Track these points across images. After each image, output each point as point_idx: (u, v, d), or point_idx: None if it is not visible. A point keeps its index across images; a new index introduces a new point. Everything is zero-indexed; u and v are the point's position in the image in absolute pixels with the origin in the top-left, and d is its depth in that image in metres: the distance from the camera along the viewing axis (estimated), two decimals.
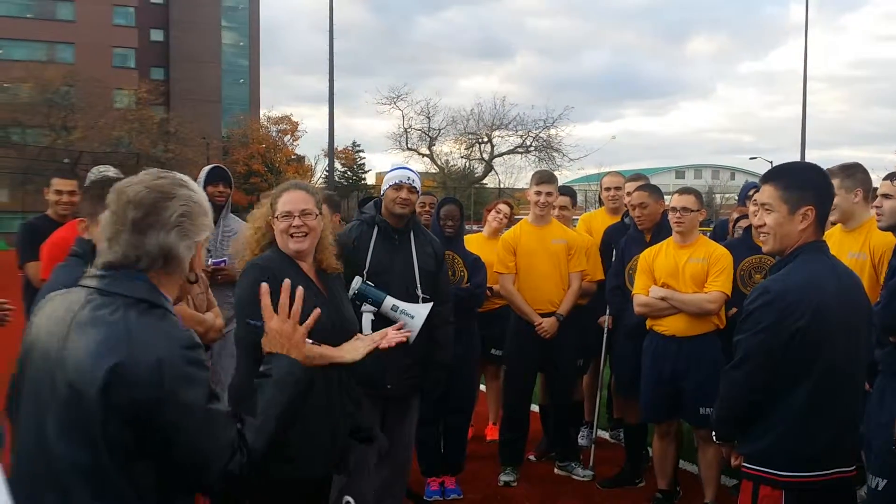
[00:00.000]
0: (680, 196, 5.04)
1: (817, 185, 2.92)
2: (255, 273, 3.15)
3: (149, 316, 1.96)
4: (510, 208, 6.74)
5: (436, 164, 45.81)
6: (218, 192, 5.42)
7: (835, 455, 2.84)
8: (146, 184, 2.09)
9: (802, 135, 35.49)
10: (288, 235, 3.25)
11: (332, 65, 31.28)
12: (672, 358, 4.90)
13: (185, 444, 1.90)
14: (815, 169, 3.05)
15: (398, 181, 4.38)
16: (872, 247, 4.11)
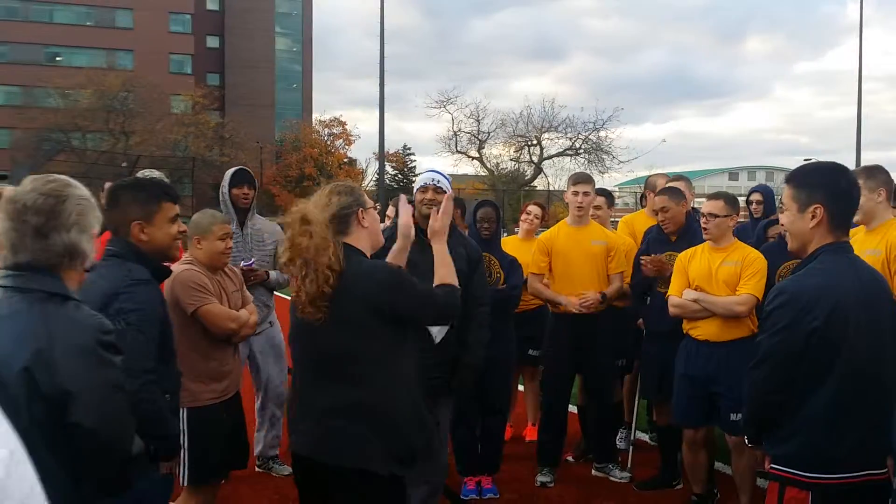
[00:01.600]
0: (708, 201, 5.03)
1: (826, 183, 2.93)
2: None
3: (64, 307, 2.22)
4: (542, 209, 6.78)
5: (485, 167, 45.92)
6: (243, 195, 5.55)
7: (863, 457, 2.81)
8: (39, 190, 2.29)
9: (858, 135, 34.84)
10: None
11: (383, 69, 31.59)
12: (704, 362, 4.87)
13: (93, 425, 2.17)
14: (829, 168, 3.04)
15: (424, 183, 4.46)
16: (889, 244, 4.10)
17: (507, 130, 44.35)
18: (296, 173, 53.22)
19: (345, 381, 3.00)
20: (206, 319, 4.04)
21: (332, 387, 3.01)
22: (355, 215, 3.10)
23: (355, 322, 2.97)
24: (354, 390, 2.98)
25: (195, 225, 4.24)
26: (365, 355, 2.99)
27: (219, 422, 4.08)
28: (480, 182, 47.74)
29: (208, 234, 4.19)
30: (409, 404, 3.05)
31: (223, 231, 4.24)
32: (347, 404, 2.97)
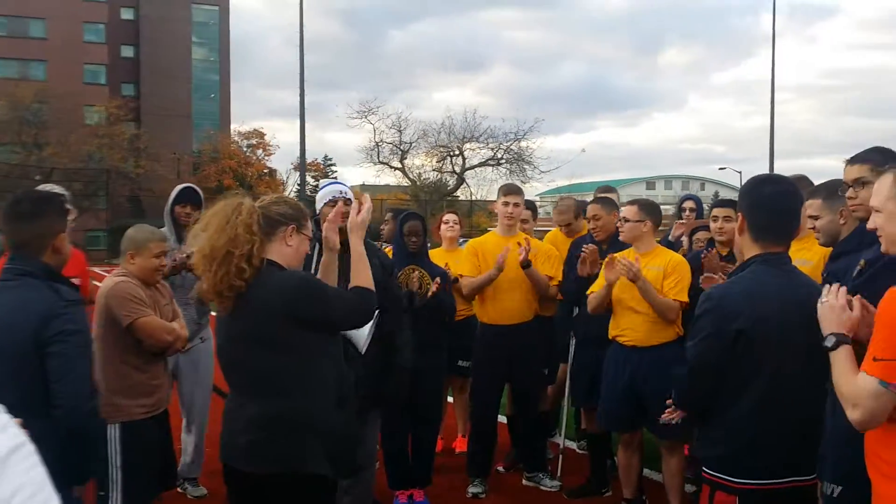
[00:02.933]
0: (624, 206, 5.17)
1: (746, 193, 3.04)
2: None
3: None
4: (456, 215, 6.85)
5: (408, 177, 45.87)
6: (185, 214, 5.48)
7: (789, 464, 2.89)
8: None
9: (771, 145, 36.05)
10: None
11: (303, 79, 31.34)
12: (633, 368, 4.96)
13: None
14: (757, 179, 3.14)
15: (332, 197, 4.41)
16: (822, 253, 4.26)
17: (430, 141, 44.41)
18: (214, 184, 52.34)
19: (266, 394, 3.03)
20: (142, 332, 3.97)
21: (256, 399, 3.04)
22: (286, 228, 3.09)
23: (271, 334, 2.98)
24: (276, 402, 3.00)
25: (130, 240, 4.16)
26: (284, 367, 3.01)
27: (151, 437, 4.02)
28: (403, 192, 47.69)
29: (143, 251, 4.12)
30: (330, 412, 3.07)
31: (159, 248, 4.19)
32: (271, 416, 3.00)
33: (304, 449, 3.00)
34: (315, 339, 3.05)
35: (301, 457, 3.00)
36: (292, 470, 2.99)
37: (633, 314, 4.99)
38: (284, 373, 3.02)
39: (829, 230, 3.92)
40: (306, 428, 3.01)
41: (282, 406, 3.00)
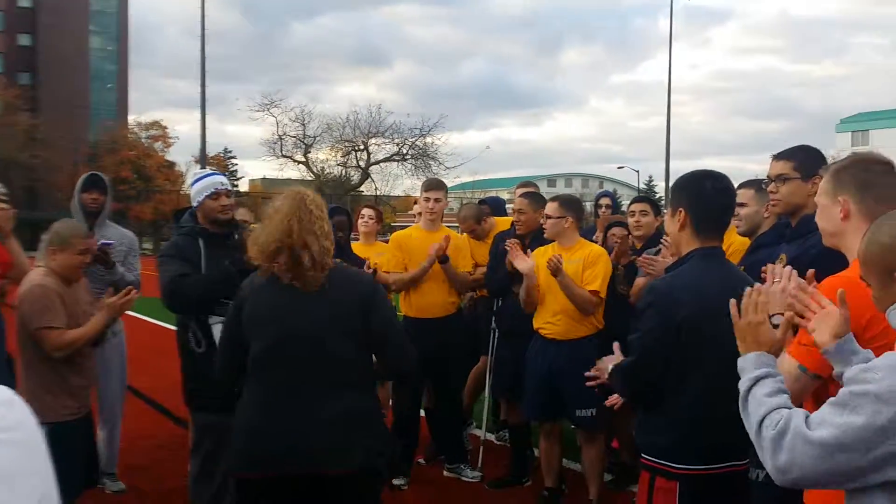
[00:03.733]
0: (547, 203, 5.31)
1: (688, 189, 3.10)
2: None
3: None
4: (375, 211, 6.85)
5: (311, 171, 45.35)
6: (91, 199, 5.45)
7: (726, 449, 2.98)
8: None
9: (667, 145, 37.24)
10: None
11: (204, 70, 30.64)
12: (552, 359, 5.06)
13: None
14: (693, 176, 3.19)
15: (214, 190, 4.30)
16: (730, 249, 4.45)
17: (334, 135, 43.96)
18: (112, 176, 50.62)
19: (346, 387, 3.07)
20: (41, 342, 3.88)
21: (334, 393, 3.04)
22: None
23: (354, 323, 3.07)
24: (355, 397, 3.07)
25: (55, 234, 4.04)
26: (361, 359, 3.12)
27: (76, 438, 3.95)
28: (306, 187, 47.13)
29: (67, 247, 4.01)
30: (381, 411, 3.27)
31: (83, 246, 4.08)
32: (353, 412, 3.06)
33: (377, 447, 3.08)
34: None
35: (375, 455, 3.07)
36: (369, 469, 3.05)
37: (554, 307, 5.09)
38: (361, 365, 3.11)
39: (753, 219, 4.14)
40: (377, 425, 3.15)
41: (360, 402, 3.09)
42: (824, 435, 1.74)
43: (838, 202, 2.44)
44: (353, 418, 3.05)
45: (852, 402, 1.72)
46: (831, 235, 2.52)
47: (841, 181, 2.46)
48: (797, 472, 1.79)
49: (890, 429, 1.66)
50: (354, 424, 3.04)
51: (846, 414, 1.72)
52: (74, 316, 4.00)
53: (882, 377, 1.70)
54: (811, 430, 1.77)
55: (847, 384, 1.78)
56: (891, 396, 1.67)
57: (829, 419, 1.75)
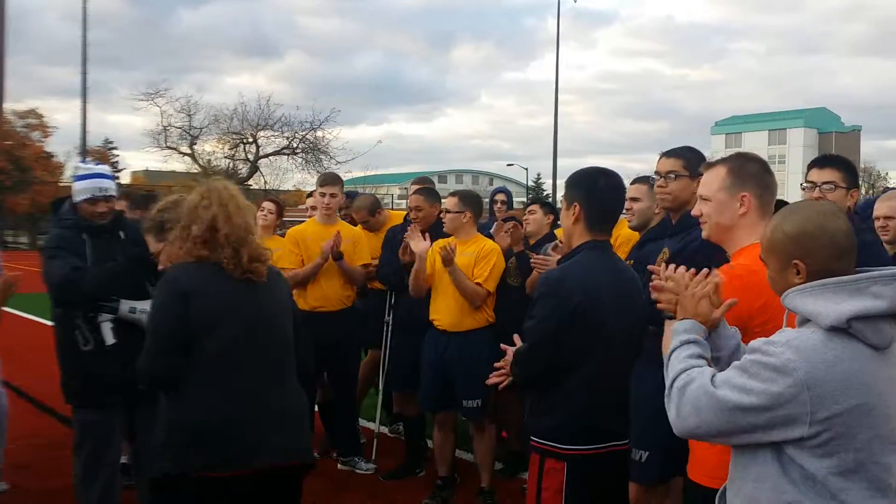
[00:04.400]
0: (446, 199, 5.43)
1: (583, 185, 3.25)
2: None
3: None
4: (275, 204, 6.80)
5: (198, 163, 44.20)
6: None
7: (611, 431, 3.17)
8: None
9: (554, 144, 38.13)
10: None
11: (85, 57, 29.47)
12: (443, 350, 5.19)
13: None
14: (588, 172, 3.34)
15: (91, 196, 4.23)
16: (616, 241, 4.68)
17: (222, 127, 42.97)
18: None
19: (290, 378, 3.17)
20: None
21: (285, 383, 3.12)
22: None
23: (289, 314, 3.24)
24: (296, 387, 3.18)
25: None
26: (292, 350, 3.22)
27: None
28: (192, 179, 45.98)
29: None
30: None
31: None
32: (302, 403, 3.21)
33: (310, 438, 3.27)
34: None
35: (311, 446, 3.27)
36: (312, 460, 3.23)
37: (446, 299, 5.21)
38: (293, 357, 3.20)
39: (645, 214, 4.36)
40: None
41: (303, 394, 3.20)
42: (726, 393, 1.93)
43: (738, 198, 2.63)
44: (304, 411, 3.19)
45: (752, 370, 1.92)
46: (724, 230, 2.69)
47: (742, 178, 2.65)
48: (694, 422, 1.98)
49: (783, 396, 1.87)
50: (305, 417, 3.19)
51: (746, 378, 1.92)
52: None
53: (781, 352, 1.90)
54: (715, 387, 1.96)
55: (750, 353, 1.97)
56: (786, 369, 1.88)
57: (731, 380, 1.95)
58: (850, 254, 2.01)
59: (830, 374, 1.87)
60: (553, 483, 3.09)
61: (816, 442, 1.88)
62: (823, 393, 1.86)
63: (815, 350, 1.89)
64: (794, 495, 1.92)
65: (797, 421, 1.87)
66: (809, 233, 2.01)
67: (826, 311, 1.91)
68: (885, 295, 1.91)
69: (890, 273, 1.94)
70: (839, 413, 1.86)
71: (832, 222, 2.02)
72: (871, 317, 1.90)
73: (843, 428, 1.87)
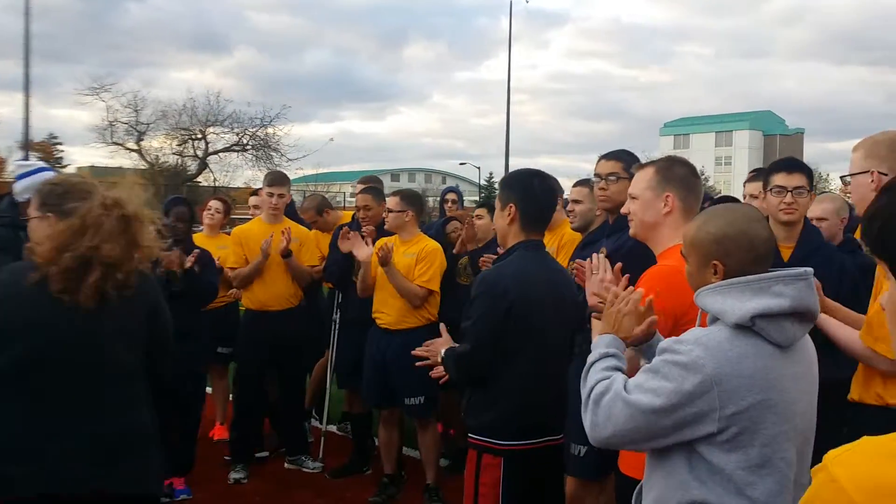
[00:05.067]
0: (389, 198, 5.50)
1: (520, 187, 3.35)
2: None
3: None
4: (223, 203, 6.81)
5: (145, 159, 43.52)
6: None
7: (545, 426, 3.27)
8: None
9: (506, 143, 38.38)
10: None
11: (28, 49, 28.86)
12: (384, 348, 5.24)
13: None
14: (525, 173, 3.46)
15: (27, 197, 4.14)
16: (561, 241, 4.82)
17: (170, 122, 42.35)
18: None
19: (121, 400, 2.73)
20: None
21: (107, 408, 2.69)
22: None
23: (136, 330, 2.76)
24: (131, 410, 2.75)
25: None
26: (139, 369, 2.79)
27: None
28: (139, 175, 45.29)
29: None
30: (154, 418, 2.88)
31: None
32: (128, 427, 2.72)
33: (153, 466, 2.85)
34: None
35: (152, 476, 2.87)
36: (149, 492, 2.85)
37: (388, 298, 5.27)
38: (139, 377, 2.81)
39: (586, 216, 4.47)
40: (154, 442, 2.85)
41: (136, 417, 2.77)
42: (639, 397, 1.99)
43: (663, 198, 2.73)
44: (137, 437, 2.78)
45: (664, 370, 1.98)
46: (648, 227, 2.80)
47: (668, 179, 2.76)
48: (610, 430, 2.02)
49: (694, 393, 1.93)
50: (136, 444, 2.78)
51: (657, 379, 1.98)
52: None
53: (690, 349, 1.97)
54: (628, 392, 2.01)
55: (660, 354, 2.04)
56: (695, 366, 1.94)
57: (643, 384, 2.01)
58: (766, 260, 2.10)
59: (736, 370, 1.95)
60: (490, 478, 3.18)
61: (725, 437, 1.96)
62: (730, 388, 1.94)
63: (722, 347, 1.97)
64: (701, 492, 1.99)
65: (707, 417, 1.95)
66: (731, 236, 2.10)
67: (732, 309, 2.00)
68: (787, 294, 1.99)
69: (793, 273, 2.02)
70: (745, 408, 1.95)
71: (754, 228, 2.11)
72: (774, 315, 1.98)
73: (748, 423, 1.95)
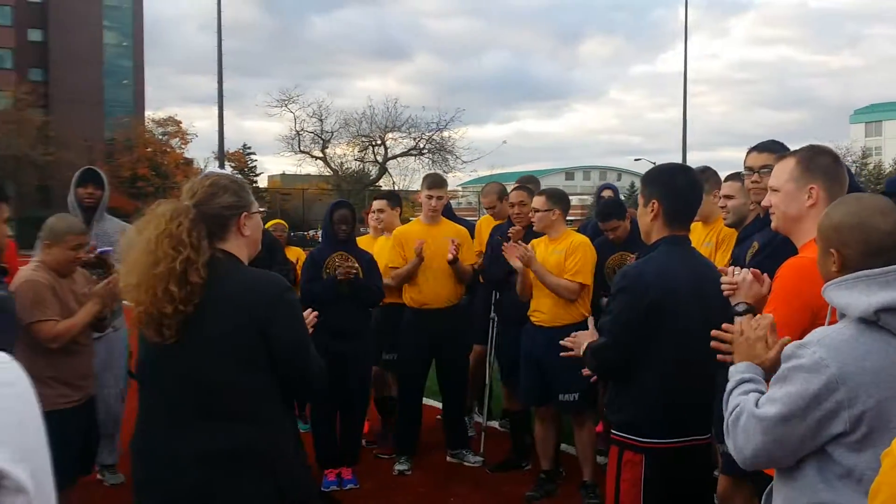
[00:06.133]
0: (534, 198, 5.51)
1: (663, 183, 3.31)
2: None
3: None
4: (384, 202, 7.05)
5: (329, 166, 45.61)
6: (87, 195, 5.53)
7: (689, 424, 3.21)
8: None
9: (683, 136, 37.24)
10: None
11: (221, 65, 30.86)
12: (539, 346, 5.24)
13: None
14: (667, 168, 3.45)
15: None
16: (720, 236, 4.68)
17: (351, 130, 44.13)
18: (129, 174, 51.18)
19: (221, 419, 2.49)
20: (35, 335, 3.95)
21: (205, 427, 2.49)
22: (236, 219, 2.64)
23: (232, 343, 2.48)
24: (235, 429, 2.49)
25: (49, 229, 4.14)
26: (246, 385, 2.51)
27: (72, 427, 3.98)
28: (324, 182, 47.43)
29: (60, 242, 4.10)
30: (293, 444, 2.68)
31: (77, 241, 4.16)
32: (226, 448, 2.47)
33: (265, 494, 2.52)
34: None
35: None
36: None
37: (542, 296, 5.31)
38: (248, 394, 2.54)
39: (739, 211, 4.34)
40: (268, 466, 2.54)
41: (239, 438, 2.50)
42: (767, 409, 1.98)
43: (807, 190, 2.65)
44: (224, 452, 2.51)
45: (789, 376, 1.96)
46: (791, 220, 2.71)
47: (811, 170, 2.67)
48: (750, 449, 2.01)
49: (820, 395, 1.90)
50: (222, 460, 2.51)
51: (783, 387, 1.96)
52: (68, 307, 4.08)
53: (812, 352, 1.93)
54: (758, 407, 2.01)
55: (784, 361, 2.01)
56: (818, 367, 1.91)
57: (771, 395, 2.00)
58: (886, 252, 2.00)
59: (861, 368, 1.89)
60: (631, 475, 3.16)
61: (855, 437, 1.90)
62: (857, 386, 1.88)
63: (845, 345, 1.92)
64: (830, 495, 1.94)
65: (837, 417, 1.90)
66: (848, 225, 2.05)
67: (856, 303, 1.94)
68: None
69: None
70: (873, 406, 1.88)
71: (874, 220, 2.03)
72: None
73: (878, 421, 1.89)
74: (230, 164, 52.22)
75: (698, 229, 4.82)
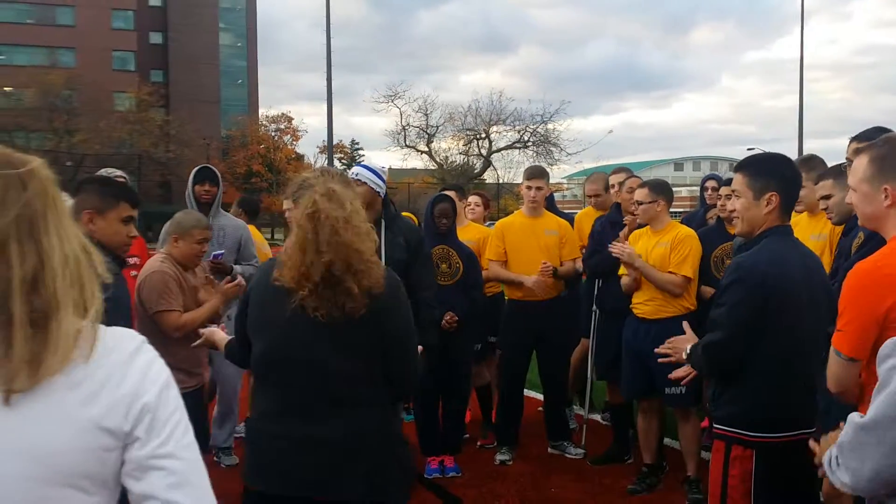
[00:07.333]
0: (636, 190, 5.43)
1: (781, 174, 3.22)
2: None
3: None
4: (481, 197, 7.16)
5: (434, 160, 46.06)
6: (204, 192, 5.77)
7: (798, 418, 3.12)
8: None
9: (800, 124, 35.79)
10: None
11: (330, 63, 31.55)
12: (643, 338, 5.16)
13: None
14: (781, 159, 3.34)
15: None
16: (832, 229, 4.50)
17: (456, 124, 44.54)
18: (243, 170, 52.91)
19: (348, 405, 2.67)
20: (159, 324, 4.10)
21: (334, 412, 2.65)
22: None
23: (380, 330, 2.67)
24: (360, 415, 2.67)
25: (177, 223, 4.37)
26: (376, 371, 2.71)
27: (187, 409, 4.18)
28: (430, 176, 47.93)
29: (187, 236, 4.32)
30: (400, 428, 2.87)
31: (202, 235, 4.38)
32: (353, 433, 2.64)
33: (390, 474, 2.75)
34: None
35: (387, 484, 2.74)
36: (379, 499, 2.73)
37: (646, 288, 5.26)
38: (372, 381, 2.72)
39: (841, 208, 4.14)
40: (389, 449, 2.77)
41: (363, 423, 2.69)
42: (871, 414, 1.89)
43: (882, 190, 2.52)
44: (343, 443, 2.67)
45: (888, 376, 1.87)
46: (872, 220, 2.58)
47: (883, 170, 2.52)
48: (868, 467, 1.89)
49: None
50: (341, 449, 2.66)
51: (886, 388, 1.87)
52: (191, 299, 4.30)
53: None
54: (864, 419, 1.91)
55: (881, 363, 1.92)
56: None
57: (874, 401, 1.90)
58: None
59: None
60: (740, 470, 3.09)
61: None
62: None
63: None
64: None
65: None
66: None
67: None
68: None
69: None
70: None
71: None
72: None
73: None
74: (338, 159, 53.30)
75: (803, 221, 4.66)
